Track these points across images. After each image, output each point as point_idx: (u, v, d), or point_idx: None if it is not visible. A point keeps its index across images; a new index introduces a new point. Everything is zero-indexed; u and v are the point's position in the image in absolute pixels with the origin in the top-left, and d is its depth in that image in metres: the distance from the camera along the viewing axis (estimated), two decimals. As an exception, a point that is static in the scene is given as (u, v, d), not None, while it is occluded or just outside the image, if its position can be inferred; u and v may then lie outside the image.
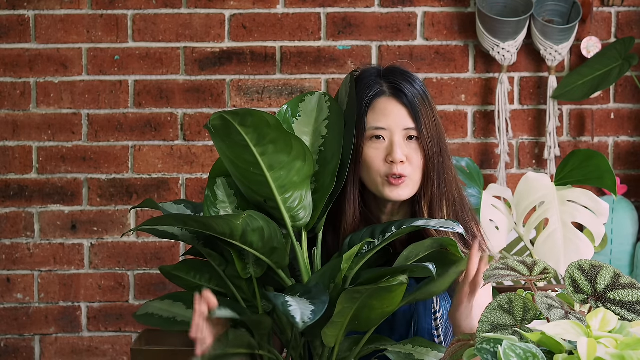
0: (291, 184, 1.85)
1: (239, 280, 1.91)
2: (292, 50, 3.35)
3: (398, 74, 2.05)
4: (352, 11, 3.35)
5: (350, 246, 1.90)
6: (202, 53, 3.35)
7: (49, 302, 3.36)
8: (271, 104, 3.35)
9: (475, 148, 3.38)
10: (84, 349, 3.36)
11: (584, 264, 1.50)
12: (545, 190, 2.79)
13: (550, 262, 2.66)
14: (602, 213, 2.72)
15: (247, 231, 1.80)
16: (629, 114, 3.39)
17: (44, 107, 3.34)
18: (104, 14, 3.34)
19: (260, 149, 1.80)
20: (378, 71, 2.07)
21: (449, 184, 2.05)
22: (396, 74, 2.05)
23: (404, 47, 3.35)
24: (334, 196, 1.92)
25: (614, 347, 1.33)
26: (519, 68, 3.37)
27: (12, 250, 3.35)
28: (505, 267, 1.55)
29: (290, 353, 1.91)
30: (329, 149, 1.94)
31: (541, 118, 3.37)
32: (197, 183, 3.36)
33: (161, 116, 3.35)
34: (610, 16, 3.37)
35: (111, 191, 3.35)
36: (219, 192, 1.93)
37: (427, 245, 1.86)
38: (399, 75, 2.05)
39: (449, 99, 3.36)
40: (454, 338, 1.59)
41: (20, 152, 3.35)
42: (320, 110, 1.98)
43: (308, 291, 1.79)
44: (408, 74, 2.06)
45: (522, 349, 1.34)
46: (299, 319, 1.68)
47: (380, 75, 2.05)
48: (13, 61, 3.34)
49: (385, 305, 1.80)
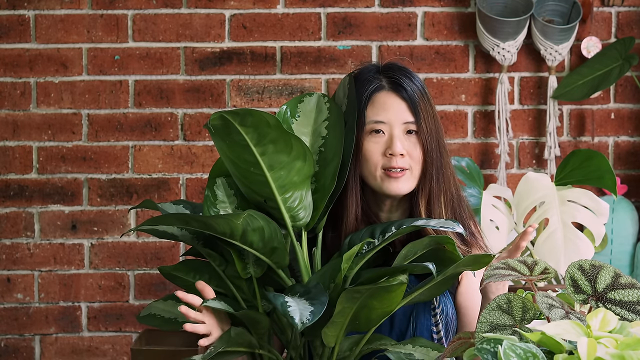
0: (291, 184, 1.85)
1: (239, 280, 1.91)
2: (292, 50, 3.35)
3: (397, 69, 2.06)
4: (352, 11, 3.35)
5: (350, 246, 1.90)
6: (202, 53, 3.34)
7: (49, 302, 3.36)
8: (271, 104, 3.35)
9: (476, 148, 3.37)
10: (84, 349, 3.36)
11: (584, 264, 1.50)
12: (546, 190, 2.79)
13: (551, 262, 2.66)
14: (602, 213, 2.72)
15: (248, 231, 1.80)
16: (629, 114, 3.39)
17: (44, 107, 3.34)
18: (104, 14, 3.34)
19: (261, 149, 1.80)
20: (377, 67, 2.08)
21: (447, 179, 2.05)
22: (395, 70, 2.06)
23: (404, 47, 3.35)
24: (335, 196, 1.93)
25: (614, 347, 1.33)
26: (519, 68, 3.37)
27: (12, 250, 3.35)
28: (505, 267, 1.55)
29: (290, 353, 1.91)
30: (329, 149, 1.94)
31: (541, 118, 3.37)
32: (197, 183, 3.35)
33: (161, 116, 3.35)
34: (611, 16, 3.37)
35: (111, 191, 3.35)
36: (219, 192, 1.93)
37: (425, 243, 1.86)
38: (397, 70, 2.06)
39: (449, 99, 3.36)
40: (454, 336, 1.59)
41: (21, 152, 3.35)
42: (320, 111, 1.98)
43: (307, 291, 1.79)
44: (406, 69, 2.07)
45: (522, 349, 1.34)
46: (298, 320, 1.68)
47: (379, 71, 2.07)
48: (13, 61, 3.34)
49: (385, 305, 1.80)
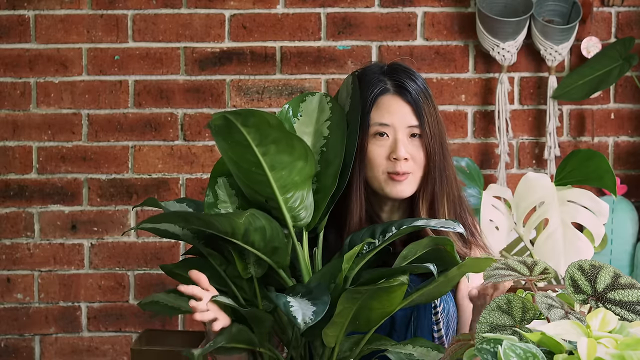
0: (292, 184, 1.85)
1: (240, 280, 1.91)
2: (292, 50, 3.35)
3: (401, 71, 2.06)
4: (352, 11, 3.35)
5: (350, 246, 1.90)
6: (202, 53, 3.35)
7: (49, 302, 3.36)
8: (271, 104, 3.35)
9: (475, 148, 3.38)
10: (84, 349, 3.36)
11: (584, 264, 1.50)
12: (545, 190, 2.79)
13: (551, 262, 2.66)
14: (602, 213, 2.72)
15: (249, 230, 1.80)
16: (629, 114, 3.39)
17: (44, 107, 3.34)
18: (104, 14, 3.34)
19: (262, 149, 1.79)
20: (381, 68, 2.07)
21: (450, 181, 2.06)
22: (399, 72, 2.06)
23: (404, 47, 3.35)
24: (336, 196, 1.92)
25: (614, 347, 1.33)
26: (519, 68, 3.37)
27: (12, 250, 3.35)
28: (505, 267, 1.55)
29: (290, 353, 1.91)
30: (331, 149, 1.94)
31: (541, 118, 3.37)
32: (197, 183, 3.36)
33: (161, 116, 3.35)
34: (610, 16, 3.37)
35: (111, 191, 3.35)
36: (220, 192, 1.93)
37: (425, 244, 1.86)
38: (402, 72, 2.05)
39: (449, 99, 3.36)
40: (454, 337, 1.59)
41: (20, 152, 3.35)
42: (322, 110, 1.98)
43: (309, 291, 1.79)
44: (411, 71, 2.07)
45: (522, 349, 1.34)
46: (301, 320, 1.68)
47: (383, 73, 2.06)
48: (13, 61, 3.34)
49: (385, 306, 1.80)
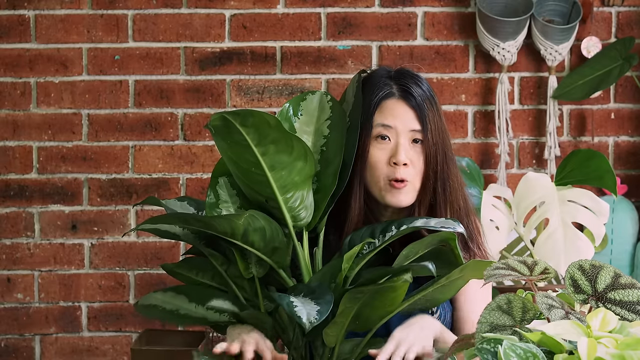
0: (292, 184, 1.85)
1: (241, 280, 1.91)
2: (292, 50, 3.35)
3: (408, 76, 2.05)
4: (352, 11, 3.35)
5: (350, 246, 1.90)
6: (202, 53, 3.35)
7: (49, 302, 3.36)
8: (271, 104, 3.35)
9: (476, 148, 3.38)
10: (84, 349, 3.36)
11: (584, 264, 1.50)
12: (546, 190, 2.79)
13: (551, 262, 2.66)
14: (603, 213, 2.72)
15: (249, 231, 1.80)
16: (629, 114, 3.39)
17: (44, 107, 3.34)
18: (104, 14, 3.34)
19: (262, 149, 1.80)
20: (388, 73, 2.07)
21: (454, 191, 2.04)
22: (406, 77, 2.05)
23: (404, 47, 3.35)
24: (336, 196, 1.92)
25: (614, 347, 1.33)
26: (519, 68, 3.37)
27: (12, 250, 3.35)
28: (505, 267, 1.55)
29: (291, 353, 1.91)
30: (331, 149, 1.94)
31: (541, 118, 3.37)
32: (198, 183, 3.36)
33: (161, 116, 3.35)
34: (611, 16, 3.37)
35: (111, 191, 3.35)
36: (222, 192, 1.93)
37: (427, 242, 1.86)
38: (408, 77, 2.05)
39: (449, 99, 3.36)
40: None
41: (21, 152, 3.35)
42: (322, 109, 1.97)
43: (312, 291, 1.79)
44: (418, 77, 2.06)
45: (523, 349, 1.34)
46: (305, 319, 1.68)
47: (390, 77, 2.06)
48: (13, 61, 3.34)
49: (387, 305, 1.80)
